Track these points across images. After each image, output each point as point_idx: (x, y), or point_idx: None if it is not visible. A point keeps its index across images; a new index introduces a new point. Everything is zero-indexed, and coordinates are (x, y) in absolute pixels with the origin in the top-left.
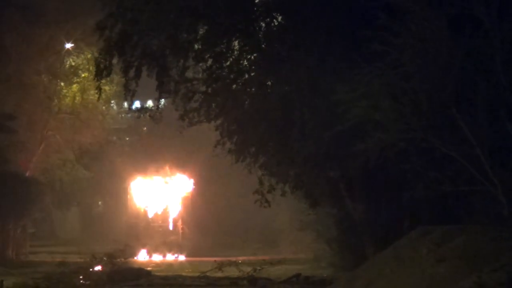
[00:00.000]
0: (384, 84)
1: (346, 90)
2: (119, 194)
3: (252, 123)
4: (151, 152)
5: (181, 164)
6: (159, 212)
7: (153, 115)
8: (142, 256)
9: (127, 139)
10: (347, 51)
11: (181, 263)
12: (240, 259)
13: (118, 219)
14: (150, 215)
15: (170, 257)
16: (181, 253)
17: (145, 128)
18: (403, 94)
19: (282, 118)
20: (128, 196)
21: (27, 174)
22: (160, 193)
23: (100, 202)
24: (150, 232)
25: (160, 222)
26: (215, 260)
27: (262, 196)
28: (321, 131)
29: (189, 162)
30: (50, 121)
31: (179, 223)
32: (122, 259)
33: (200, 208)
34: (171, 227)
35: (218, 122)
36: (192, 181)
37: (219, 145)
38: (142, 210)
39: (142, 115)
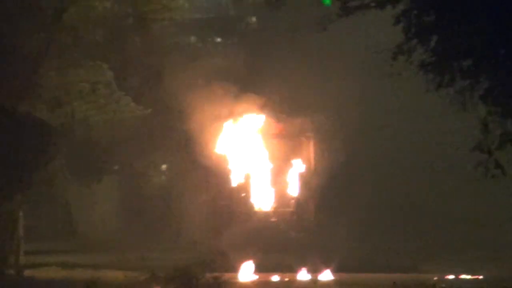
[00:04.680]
0: None
1: None
2: (195, 152)
3: (467, 10)
4: (262, 70)
5: (317, 94)
6: (271, 190)
7: None
8: (246, 272)
9: (219, 40)
10: None
11: (324, 285)
12: (445, 277)
13: (193, 199)
14: (255, 192)
15: (301, 273)
16: (321, 264)
17: (254, 18)
18: None
19: None
20: (213, 157)
21: (20, 108)
22: (274, 152)
23: (163, 166)
24: (258, 224)
25: (274, 205)
26: (394, 282)
27: (489, 155)
28: None
29: (332, 91)
30: (64, 8)
31: (310, 207)
32: (209, 279)
33: (344, 179)
34: (295, 216)
35: (399, 9)
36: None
37: (401, 54)
38: (240, 184)
39: None
